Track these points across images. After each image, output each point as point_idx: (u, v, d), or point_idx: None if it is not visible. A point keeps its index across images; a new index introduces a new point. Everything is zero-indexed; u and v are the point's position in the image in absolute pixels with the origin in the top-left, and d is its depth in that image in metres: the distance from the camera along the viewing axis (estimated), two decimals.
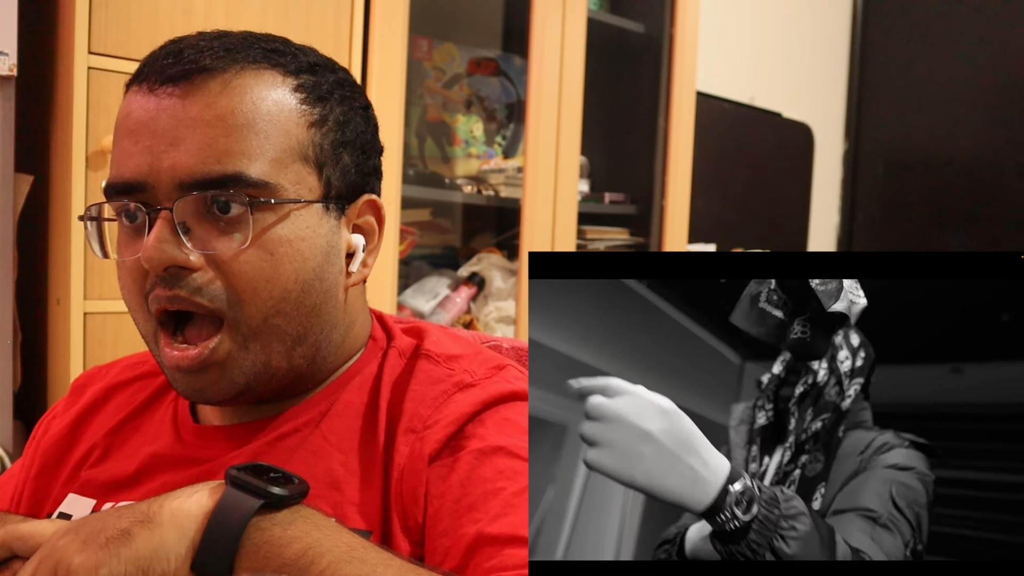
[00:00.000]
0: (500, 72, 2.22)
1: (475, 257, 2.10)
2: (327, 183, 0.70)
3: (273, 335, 0.67)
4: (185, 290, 0.65)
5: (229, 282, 0.65)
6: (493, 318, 2.00)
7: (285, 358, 0.69)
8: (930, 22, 3.36)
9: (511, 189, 2.03)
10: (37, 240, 1.40)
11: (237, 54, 0.68)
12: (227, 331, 0.66)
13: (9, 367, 1.32)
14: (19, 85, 1.29)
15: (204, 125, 0.65)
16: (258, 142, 0.66)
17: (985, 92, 3.23)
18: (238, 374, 0.67)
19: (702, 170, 2.44)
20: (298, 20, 1.50)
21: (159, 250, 0.64)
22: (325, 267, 0.70)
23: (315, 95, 0.70)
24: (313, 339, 0.70)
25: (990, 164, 3.23)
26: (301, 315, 0.68)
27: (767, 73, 3.09)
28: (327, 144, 0.70)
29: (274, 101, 0.67)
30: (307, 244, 0.68)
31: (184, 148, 0.64)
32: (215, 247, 0.65)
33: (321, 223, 0.69)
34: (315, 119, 0.69)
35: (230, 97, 0.66)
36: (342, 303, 0.73)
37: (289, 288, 0.67)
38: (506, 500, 0.61)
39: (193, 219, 0.65)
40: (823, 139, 3.38)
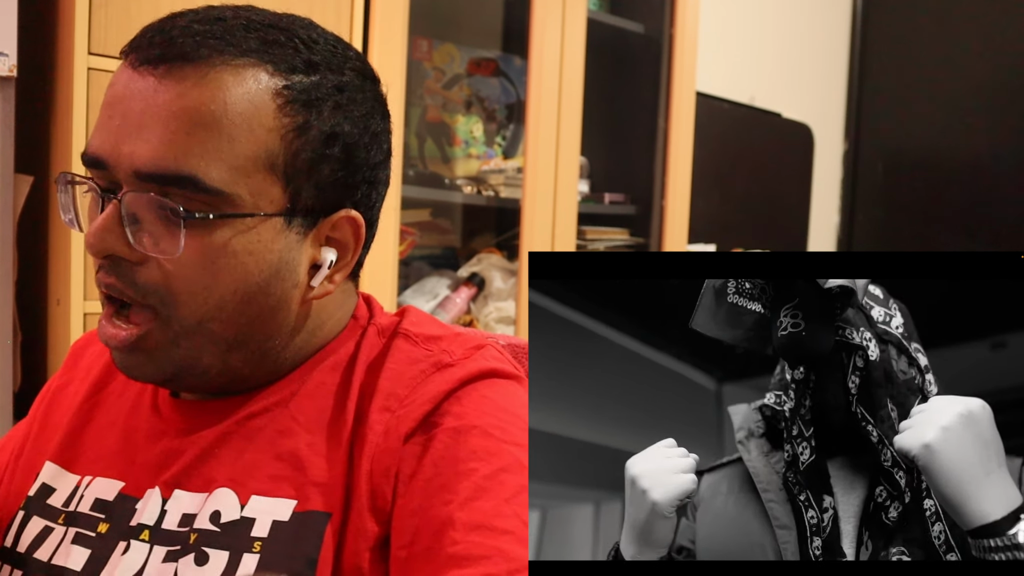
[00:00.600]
0: (500, 72, 2.22)
1: (475, 257, 2.10)
2: (294, 196, 0.65)
3: (206, 337, 0.66)
4: (122, 281, 0.64)
5: (166, 281, 0.64)
6: (493, 318, 2.00)
7: (218, 359, 0.67)
8: (930, 22, 3.36)
9: (511, 189, 2.03)
10: (37, 240, 1.40)
11: (226, 44, 0.63)
12: (158, 324, 0.65)
13: (9, 367, 1.32)
14: (19, 85, 1.29)
15: (170, 117, 0.62)
16: (221, 145, 0.62)
17: (985, 92, 3.23)
18: (165, 364, 0.66)
19: (702, 170, 2.44)
20: None
21: (100, 238, 0.63)
22: (273, 282, 0.66)
23: (302, 100, 0.65)
24: (256, 346, 0.68)
25: (990, 164, 3.23)
26: (239, 323, 0.66)
27: (767, 73, 3.09)
28: (304, 156, 0.65)
29: (249, 102, 0.63)
30: (254, 259, 0.65)
31: (145, 137, 0.62)
32: (156, 244, 0.63)
33: (277, 238, 0.66)
34: (294, 127, 0.64)
35: (202, 91, 0.62)
36: (296, 313, 0.70)
37: (226, 299, 0.65)
38: (477, 483, 0.61)
39: (144, 211, 0.63)
40: (823, 139, 3.38)
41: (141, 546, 0.66)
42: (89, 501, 0.70)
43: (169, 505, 0.67)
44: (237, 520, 0.65)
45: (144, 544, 0.66)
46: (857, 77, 3.52)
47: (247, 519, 0.64)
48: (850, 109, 3.54)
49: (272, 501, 0.65)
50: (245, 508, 0.65)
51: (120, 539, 0.67)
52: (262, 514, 0.64)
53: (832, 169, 3.52)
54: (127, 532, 0.67)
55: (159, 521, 0.67)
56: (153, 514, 0.67)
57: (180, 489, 0.68)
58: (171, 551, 0.65)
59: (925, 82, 3.37)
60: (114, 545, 0.67)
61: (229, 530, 0.64)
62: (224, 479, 0.67)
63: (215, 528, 0.65)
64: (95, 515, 0.69)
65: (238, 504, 0.65)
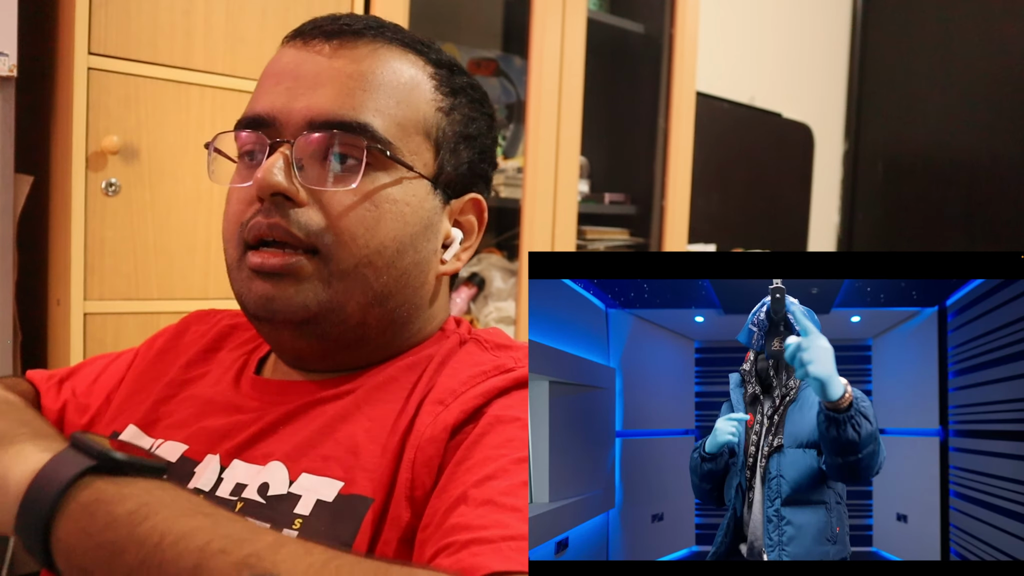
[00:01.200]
0: (500, 72, 2.22)
1: (475, 257, 2.10)
2: (441, 166, 0.73)
3: (358, 283, 0.69)
4: (285, 219, 0.67)
5: (331, 222, 0.67)
6: (493, 318, 2.00)
7: (361, 310, 0.70)
8: (930, 22, 3.36)
9: (511, 189, 2.03)
10: (37, 240, 1.40)
11: (387, 32, 0.73)
12: (316, 263, 0.68)
13: (9, 367, 1.32)
14: (19, 85, 1.29)
15: (345, 76, 0.69)
16: (390, 104, 0.70)
17: (985, 92, 3.23)
18: (311, 299, 0.68)
19: (702, 170, 2.44)
20: (298, 20, 1.50)
21: (271, 174, 0.66)
22: (421, 240, 0.72)
23: (448, 86, 0.74)
24: (393, 305, 0.71)
25: (990, 164, 3.23)
26: (390, 275, 0.70)
27: (767, 73, 3.09)
28: (450, 132, 0.74)
29: (411, 76, 0.72)
30: (411, 210, 0.70)
31: (322, 92, 0.68)
32: (324, 186, 0.68)
33: (427, 198, 0.72)
34: (444, 106, 0.73)
35: (374, 60, 0.71)
36: (430, 287, 0.75)
37: (386, 243, 0.69)
38: (502, 465, 0.60)
39: (309, 160, 0.68)
40: (823, 139, 3.38)
41: None
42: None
43: (226, 473, 0.69)
44: (283, 495, 0.66)
45: None
46: (857, 77, 3.52)
47: (293, 495, 0.65)
48: (850, 109, 3.54)
49: (320, 480, 0.66)
50: (293, 484, 0.66)
51: None
52: (308, 492, 0.65)
53: (832, 169, 3.52)
54: None
55: (214, 488, 0.68)
56: (210, 480, 0.69)
57: (239, 459, 0.70)
58: None
59: (925, 82, 3.37)
60: None
61: (274, 504, 0.65)
62: (280, 454, 0.68)
63: (261, 500, 0.66)
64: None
65: (287, 479, 0.66)
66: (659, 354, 1.54)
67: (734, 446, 0.98)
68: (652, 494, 1.51)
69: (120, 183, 1.33)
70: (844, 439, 0.84)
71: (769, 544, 0.93)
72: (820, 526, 0.94)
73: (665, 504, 1.54)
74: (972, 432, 1.22)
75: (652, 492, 1.50)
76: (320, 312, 0.68)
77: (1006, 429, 1.06)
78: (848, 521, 0.97)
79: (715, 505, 1.03)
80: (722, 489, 1.02)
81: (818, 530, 0.93)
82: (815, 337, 0.81)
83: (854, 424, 0.83)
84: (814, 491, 0.94)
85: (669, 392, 1.55)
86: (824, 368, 0.81)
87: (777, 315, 0.94)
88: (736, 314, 1.15)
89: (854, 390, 0.84)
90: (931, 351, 1.35)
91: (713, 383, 1.56)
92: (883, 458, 0.87)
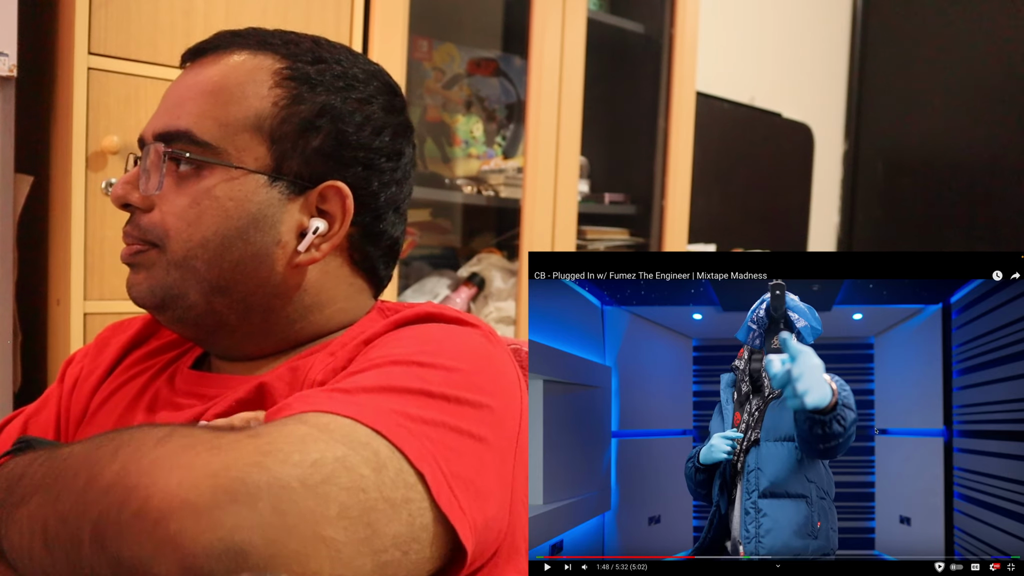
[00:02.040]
0: (500, 72, 2.22)
1: (475, 257, 2.10)
2: (279, 158, 0.74)
3: (191, 273, 0.74)
4: (133, 226, 0.75)
5: (162, 219, 0.74)
6: (493, 318, 2.00)
7: (204, 298, 0.75)
8: (930, 22, 3.36)
9: (511, 189, 2.03)
10: (37, 240, 1.40)
11: (250, 41, 0.77)
12: (156, 252, 0.75)
13: (9, 367, 1.32)
14: (19, 85, 1.29)
15: (188, 90, 0.75)
16: (216, 108, 0.73)
17: (985, 92, 3.23)
18: (157, 286, 0.75)
19: (702, 170, 2.44)
20: (298, 21, 1.50)
21: (117, 187, 0.75)
22: (251, 232, 0.74)
23: (299, 78, 0.75)
24: (240, 295, 0.75)
25: (990, 164, 3.23)
26: (221, 267, 0.74)
27: (767, 73, 3.09)
28: (292, 123, 0.74)
29: (247, 72, 0.75)
30: (234, 204, 0.73)
31: (168, 108, 0.75)
32: (148, 191, 0.74)
33: (258, 191, 0.74)
34: (287, 97, 0.74)
35: (214, 68, 0.75)
36: (285, 276, 0.76)
37: (208, 238, 0.73)
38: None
39: (152, 165, 0.74)
40: (823, 139, 3.38)
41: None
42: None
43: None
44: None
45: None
46: (857, 77, 3.52)
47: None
48: (850, 109, 3.54)
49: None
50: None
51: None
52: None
53: (832, 169, 3.52)
54: None
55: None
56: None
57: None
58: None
59: (925, 82, 3.37)
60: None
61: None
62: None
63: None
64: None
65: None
66: (656, 352, 1.54)
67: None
68: (649, 496, 1.50)
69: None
70: (828, 433, 0.84)
71: (746, 536, 0.93)
72: (800, 520, 0.93)
73: (662, 506, 1.53)
74: (977, 432, 1.22)
75: (649, 494, 1.50)
76: (166, 297, 0.75)
77: (1013, 429, 1.06)
78: (836, 517, 0.97)
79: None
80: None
81: (797, 524, 0.93)
82: (806, 357, 0.77)
83: (839, 419, 0.83)
84: (793, 484, 0.94)
85: (666, 391, 1.55)
86: (818, 395, 0.78)
87: (777, 312, 0.93)
88: (735, 311, 1.14)
89: (837, 382, 0.83)
90: (935, 349, 1.35)
91: (711, 383, 1.55)
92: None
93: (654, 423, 1.53)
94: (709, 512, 1.02)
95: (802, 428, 0.85)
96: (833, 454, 0.88)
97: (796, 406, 0.79)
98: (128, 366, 0.86)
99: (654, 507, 1.49)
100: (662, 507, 1.50)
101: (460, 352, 0.68)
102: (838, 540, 0.98)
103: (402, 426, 0.57)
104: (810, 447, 0.88)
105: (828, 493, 0.96)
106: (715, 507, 1.00)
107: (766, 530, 0.93)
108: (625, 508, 1.42)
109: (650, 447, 1.48)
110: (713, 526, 1.00)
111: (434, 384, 0.62)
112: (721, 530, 1.00)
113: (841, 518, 1.01)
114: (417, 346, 0.67)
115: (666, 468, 1.46)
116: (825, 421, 0.83)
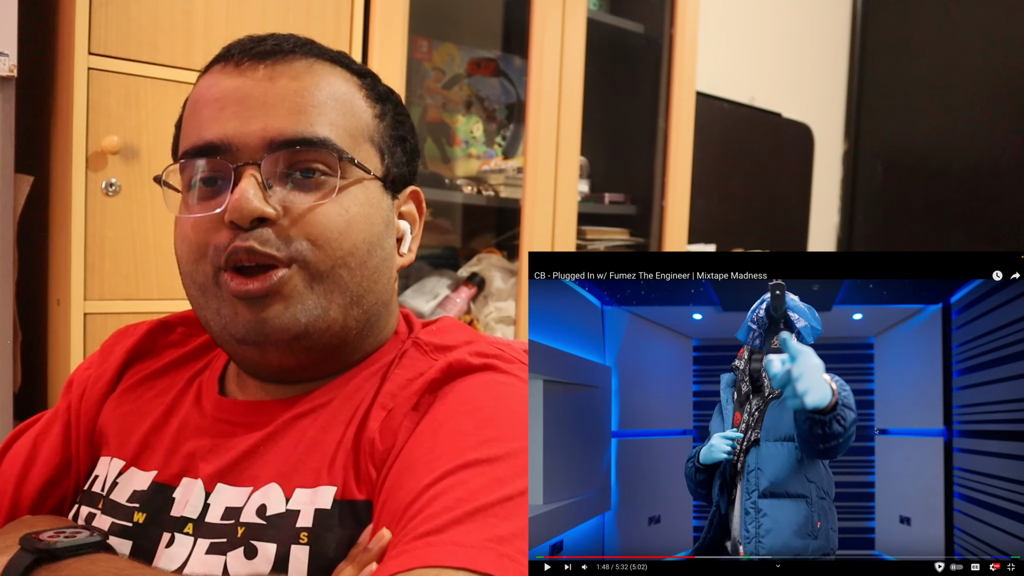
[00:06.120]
0: (500, 72, 2.22)
1: (475, 257, 2.10)
2: (387, 167, 0.78)
3: (336, 285, 0.71)
4: (260, 242, 0.69)
5: (305, 231, 0.70)
6: (493, 318, 2.00)
7: (342, 312, 0.72)
8: (930, 22, 3.36)
9: (511, 189, 2.03)
10: (37, 240, 1.40)
11: (313, 50, 0.76)
12: (296, 269, 0.70)
13: (9, 367, 1.32)
14: (19, 85, 1.29)
15: (291, 95, 0.71)
16: (338, 116, 0.74)
17: (985, 92, 3.23)
18: (300, 311, 0.70)
19: (702, 170, 2.44)
20: (298, 21, 1.50)
21: (247, 200, 0.68)
22: (384, 237, 0.76)
23: (375, 93, 0.79)
24: (368, 304, 0.74)
25: (990, 164, 3.23)
26: (363, 275, 0.73)
27: (767, 73, 3.09)
28: (387, 135, 0.78)
29: (345, 89, 0.76)
30: (374, 210, 0.75)
31: (275, 112, 0.70)
32: (293, 201, 0.70)
33: (382, 199, 0.76)
34: (377, 112, 0.78)
35: (312, 77, 0.73)
36: (393, 282, 0.79)
37: (357, 244, 0.72)
38: (441, 512, 0.62)
39: (274, 179, 0.70)
40: (823, 139, 3.38)
41: (185, 539, 0.68)
42: (126, 491, 0.73)
43: (212, 499, 0.70)
44: (283, 513, 0.67)
45: (188, 537, 0.68)
46: (857, 77, 3.52)
47: (292, 511, 0.67)
48: (850, 109, 3.54)
49: (315, 491, 0.68)
50: (290, 501, 0.67)
51: (163, 531, 0.70)
52: (305, 504, 0.67)
53: (832, 169, 3.52)
54: (168, 524, 0.70)
55: (202, 514, 0.69)
56: (196, 507, 0.69)
57: (223, 483, 0.70)
58: (215, 543, 0.67)
59: (925, 82, 3.37)
60: (157, 536, 0.69)
61: (275, 522, 0.66)
62: (271, 475, 0.69)
63: (262, 521, 0.67)
64: (131, 505, 0.72)
65: (283, 497, 0.68)
66: (656, 352, 1.54)
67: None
68: (649, 496, 1.50)
69: (120, 183, 1.33)
70: (828, 433, 0.84)
71: (746, 536, 0.94)
72: (800, 520, 0.93)
73: (662, 506, 1.53)
74: (977, 432, 1.22)
75: (649, 494, 1.50)
76: (309, 322, 0.70)
77: (1013, 429, 1.06)
78: (836, 517, 0.97)
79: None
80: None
81: (797, 524, 0.93)
82: (806, 357, 0.77)
83: (839, 419, 0.83)
84: (793, 484, 0.94)
85: (666, 391, 1.55)
86: (818, 395, 0.78)
87: (777, 312, 0.93)
88: (735, 311, 1.14)
89: (836, 382, 0.83)
90: (935, 349, 1.35)
91: (711, 383, 1.55)
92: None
93: (654, 423, 1.53)
94: (709, 512, 1.02)
95: (802, 428, 0.85)
96: (833, 454, 0.88)
97: (796, 406, 0.79)
98: (139, 381, 0.83)
99: (654, 507, 1.49)
100: (662, 507, 1.50)
101: (512, 424, 0.68)
102: (838, 540, 0.98)
103: (502, 556, 0.58)
104: (810, 447, 0.88)
105: (828, 493, 0.96)
106: (715, 507, 1.00)
107: (766, 530, 0.93)
108: (625, 508, 1.42)
109: (650, 447, 1.48)
110: (713, 526, 1.00)
111: (506, 482, 0.63)
112: (721, 530, 1.00)
113: (841, 518, 1.00)
114: (476, 432, 0.66)
115: (666, 468, 1.46)
116: (825, 421, 0.83)
